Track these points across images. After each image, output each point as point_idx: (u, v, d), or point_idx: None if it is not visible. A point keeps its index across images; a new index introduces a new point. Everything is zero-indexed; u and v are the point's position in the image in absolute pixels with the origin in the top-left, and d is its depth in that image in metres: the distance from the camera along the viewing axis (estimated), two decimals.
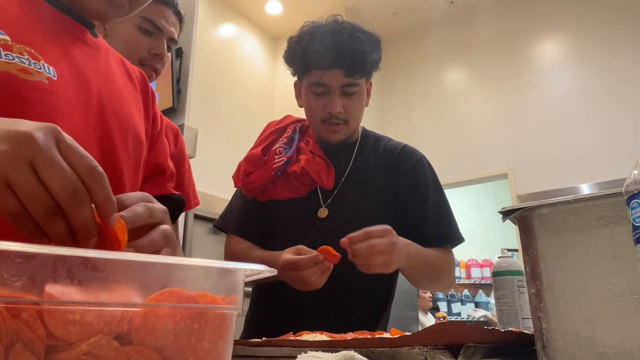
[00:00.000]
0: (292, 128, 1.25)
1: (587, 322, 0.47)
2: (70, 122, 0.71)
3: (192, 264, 0.35)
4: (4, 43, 0.66)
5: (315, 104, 1.13)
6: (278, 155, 1.17)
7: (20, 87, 0.65)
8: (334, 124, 1.13)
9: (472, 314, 5.23)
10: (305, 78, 1.15)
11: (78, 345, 0.29)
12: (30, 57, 0.68)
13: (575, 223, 0.49)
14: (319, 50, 1.08)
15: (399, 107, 5.22)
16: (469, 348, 0.49)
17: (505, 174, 4.44)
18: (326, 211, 1.14)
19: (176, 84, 2.44)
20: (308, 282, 0.95)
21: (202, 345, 0.33)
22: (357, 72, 1.10)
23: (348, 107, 1.12)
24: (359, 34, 1.10)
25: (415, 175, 1.18)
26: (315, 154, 1.17)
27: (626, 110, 3.96)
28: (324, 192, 1.16)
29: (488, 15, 4.88)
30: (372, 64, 1.13)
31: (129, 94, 0.87)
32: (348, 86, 1.10)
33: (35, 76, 0.67)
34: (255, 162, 1.18)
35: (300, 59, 1.13)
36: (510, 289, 0.90)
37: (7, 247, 0.27)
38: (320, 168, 1.15)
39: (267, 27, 5.04)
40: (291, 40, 1.17)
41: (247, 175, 1.18)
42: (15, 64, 0.66)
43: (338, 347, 0.51)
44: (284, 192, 1.16)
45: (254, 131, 1.39)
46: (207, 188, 3.71)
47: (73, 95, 0.73)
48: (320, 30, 1.11)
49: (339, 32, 1.09)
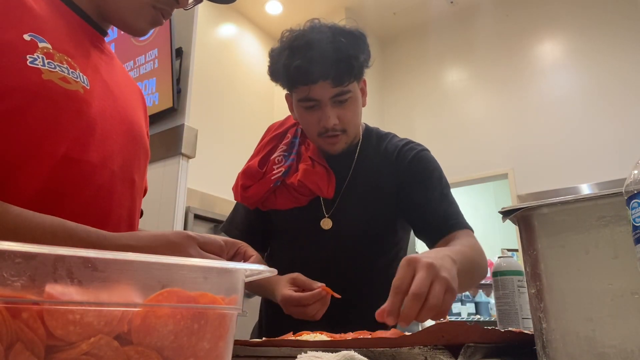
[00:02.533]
0: (292, 132, 1.21)
1: (587, 322, 0.47)
2: (101, 130, 0.74)
3: (192, 264, 0.35)
4: (47, 51, 0.67)
5: (308, 118, 1.08)
6: (277, 165, 1.15)
7: (59, 96, 0.67)
8: (331, 136, 1.08)
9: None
10: (293, 94, 1.09)
11: (78, 345, 0.29)
12: (69, 66, 0.70)
13: (575, 223, 0.49)
14: (300, 65, 1.01)
15: (399, 107, 5.22)
16: (469, 348, 0.49)
17: (505, 174, 4.45)
18: (330, 222, 1.11)
19: (176, 84, 2.44)
20: (311, 316, 0.94)
21: (202, 345, 0.33)
22: (345, 80, 1.03)
23: (343, 116, 1.07)
24: (341, 38, 1.03)
25: (416, 165, 1.13)
26: (315, 160, 1.14)
27: (626, 110, 3.96)
28: (325, 200, 1.13)
29: (488, 16, 4.88)
30: (361, 66, 1.06)
31: (136, 105, 0.89)
32: (339, 95, 1.04)
33: (73, 85, 0.69)
34: (253, 175, 1.15)
35: (283, 76, 1.07)
36: (510, 289, 0.90)
37: (7, 247, 0.27)
38: (320, 177, 1.11)
39: (267, 27, 5.04)
40: (272, 54, 1.11)
41: (245, 189, 1.16)
42: (57, 73, 0.67)
43: (338, 347, 0.51)
44: (284, 202, 1.14)
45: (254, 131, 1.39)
46: (207, 188, 3.71)
47: (102, 104, 0.75)
48: (298, 42, 1.04)
49: (318, 41, 1.02)
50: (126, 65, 2.68)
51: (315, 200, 1.14)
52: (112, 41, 2.79)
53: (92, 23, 0.81)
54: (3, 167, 0.63)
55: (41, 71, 0.65)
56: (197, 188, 3.51)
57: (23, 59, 0.64)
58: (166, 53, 2.47)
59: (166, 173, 2.36)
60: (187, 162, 2.38)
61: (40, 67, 0.65)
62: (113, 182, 0.76)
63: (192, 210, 3.30)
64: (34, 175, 0.65)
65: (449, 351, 0.48)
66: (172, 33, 2.45)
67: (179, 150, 2.33)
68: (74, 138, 0.69)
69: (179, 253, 0.61)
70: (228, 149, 4.02)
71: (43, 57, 0.66)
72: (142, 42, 2.64)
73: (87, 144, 0.71)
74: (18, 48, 0.65)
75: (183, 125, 2.38)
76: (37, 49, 0.66)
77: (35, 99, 0.64)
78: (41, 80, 0.65)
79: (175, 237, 0.63)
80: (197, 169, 2.87)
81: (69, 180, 0.69)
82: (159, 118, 2.44)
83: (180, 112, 2.43)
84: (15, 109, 0.63)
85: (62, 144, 0.67)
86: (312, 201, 1.13)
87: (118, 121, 0.78)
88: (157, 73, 2.53)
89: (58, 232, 0.58)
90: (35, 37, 0.67)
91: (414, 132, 4.92)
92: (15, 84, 0.63)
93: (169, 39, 2.46)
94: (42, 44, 0.67)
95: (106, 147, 0.75)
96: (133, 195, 0.82)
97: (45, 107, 0.65)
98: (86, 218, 0.67)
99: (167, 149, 2.37)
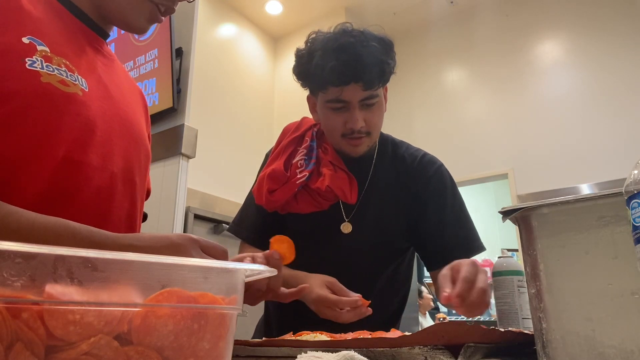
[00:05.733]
0: (309, 135, 1.21)
1: (587, 322, 0.47)
2: (101, 132, 0.74)
3: (192, 264, 0.35)
4: (44, 54, 0.67)
5: (335, 119, 1.09)
6: (300, 169, 1.14)
7: (59, 99, 0.67)
8: (356, 137, 1.09)
9: None
10: (321, 94, 1.10)
11: (78, 345, 0.29)
12: (67, 69, 0.70)
13: (575, 223, 0.49)
14: (335, 67, 1.02)
15: (399, 107, 5.21)
16: (469, 348, 0.49)
17: (505, 174, 4.44)
18: (350, 226, 1.13)
19: (176, 84, 2.44)
20: (343, 321, 0.95)
21: (202, 345, 0.33)
22: (376, 84, 1.05)
23: (369, 120, 1.09)
24: (373, 43, 1.05)
25: (434, 184, 1.16)
26: (337, 165, 1.14)
27: (626, 110, 3.96)
28: (345, 204, 1.14)
29: (488, 15, 4.87)
30: (390, 72, 1.09)
31: (137, 106, 0.89)
32: (368, 99, 1.07)
33: (71, 88, 0.69)
34: (279, 178, 1.14)
35: (314, 76, 1.08)
36: (510, 289, 0.90)
37: (7, 247, 0.27)
38: (343, 183, 1.11)
39: (267, 27, 5.04)
40: (300, 55, 1.11)
41: (270, 192, 1.14)
42: (55, 76, 0.67)
43: (338, 347, 0.51)
44: (305, 207, 1.13)
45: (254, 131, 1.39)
46: (207, 188, 3.71)
47: (101, 106, 0.75)
48: (332, 44, 1.05)
49: (352, 44, 1.03)
50: (126, 65, 2.68)
51: (335, 205, 1.14)
52: (112, 41, 2.80)
53: (93, 25, 0.81)
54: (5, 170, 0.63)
55: (40, 74, 0.65)
56: (197, 188, 3.50)
57: (22, 62, 0.64)
58: (166, 53, 2.47)
59: (166, 173, 2.36)
60: (187, 162, 2.38)
61: (39, 70, 0.65)
62: (114, 184, 0.76)
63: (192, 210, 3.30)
64: (36, 177, 0.65)
65: (449, 351, 0.48)
66: (172, 33, 2.45)
67: (179, 150, 2.33)
68: (73, 140, 0.69)
69: (181, 254, 0.61)
70: (228, 149, 4.02)
71: (42, 60, 0.66)
72: (142, 42, 2.64)
73: (87, 146, 0.71)
74: (17, 51, 0.65)
75: (183, 125, 2.39)
76: (36, 52, 0.66)
77: (34, 101, 0.64)
78: (40, 83, 0.65)
79: (178, 239, 0.63)
80: (197, 169, 2.87)
81: (70, 182, 0.69)
82: (159, 118, 2.44)
83: (180, 112, 2.44)
84: (15, 112, 0.63)
85: (61, 146, 0.67)
86: (332, 206, 1.14)
87: (118, 123, 0.78)
88: (157, 73, 2.53)
89: (61, 232, 0.58)
90: (34, 40, 0.67)
91: (414, 132, 4.92)
92: (14, 87, 0.63)
93: (169, 39, 2.46)
94: (40, 47, 0.67)
95: (106, 148, 0.75)
96: (134, 197, 0.82)
97: (45, 109, 0.65)
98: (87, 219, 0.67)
99: (167, 149, 2.37)
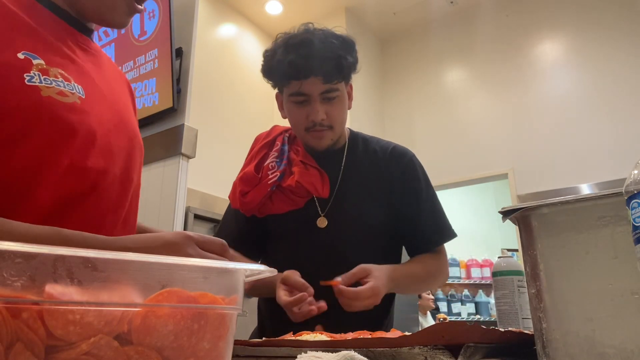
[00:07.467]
0: (280, 140, 1.27)
1: (587, 322, 0.47)
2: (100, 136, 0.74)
3: (192, 264, 0.35)
4: (41, 68, 0.67)
5: (298, 113, 1.15)
6: (271, 171, 1.19)
7: (60, 111, 0.67)
8: (318, 130, 1.14)
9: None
10: (285, 89, 1.16)
11: (78, 345, 0.29)
12: (63, 78, 0.70)
13: (575, 223, 0.49)
14: (294, 61, 1.09)
15: (399, 107, 5.21)
16: (469, 348, 0.49)
17: (505, 174, 4.44)
18: (325, 221, 1.16)
19: (176, 84, 2.44)
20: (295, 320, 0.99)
21: (202, 346, 0.33)
22: (335, 77, 1.11)
23: (330, 113, 1.14)
24: (332, 40, 1.12)
25: (408, 174, 1.21)
26: (307, 163, 1.19)
27: (626, 110, 3.96)
28: (320, 200, 1.18)
29: (488, 15, 4.87)
30: (349, 68, 1.15)
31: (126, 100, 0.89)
32: (328, 92, 1.12)
33: (70, 98, 0.69)
34: (250, 180, 1.19)
35: (277, 72, 1.14)
36: (510, 289, 0.90)
37: (7, 247, 0.27)
38: (314, 179, 1.16)
39: (267, 27, 5.04)
40: (266, 54, 1.18)
41: (243, 195, 1.19)
42: (54, 88, 0.67)
43: (338, 347, 0.51)
44: (281, 206, 1.18)
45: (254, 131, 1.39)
46: (207, 188, 3.71)
47: (99, 111, 0.76)
48: (293, 41, 1.12)
49: (311, 40, 1.10)
50: (126, 65, 2.68)
51: (311, 201, 1.18)
52: (112, 41, 2.79)
53: (75, 23, 0.80)
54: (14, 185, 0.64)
55: (39, 88, 0.65)
56: (197, 188, 3.50)
57: (21, 79, 0.64)
58: (166, 53, 2.47)
59: (166, 173, 2.36)
60: (187, 162, 2.38)
61: (38, 85, 0.65)
62: (115, 185, 0.77)
63: (192, 210, 3.30)
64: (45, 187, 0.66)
65: (449, 351, 0.48)
66: (172, 33, 2.45)
67: (179, 150, 2.33)
68: (76, 148, 0.69)
69: (177, 253, 0.61)
70: (228, 149, 4.02)
71: (39, 74, 0.66)
72: (142, 42, 2.64)
73: (89, 151, 0.72)
74: (15, 68, 0.64)
75: (183, 125, 2.38)
76: (33, 67, 0.66)
77: (37, 116, 0.65)
78: (40, 97, 0.65)
79: (173, 237, 0.63)
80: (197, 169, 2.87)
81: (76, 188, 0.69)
82: (159, 118, 2.44)
83: (180, 112, 2.43)
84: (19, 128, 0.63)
85: (65, 154, 0.68)
86: (308, 202, 1.18)
87: (115, 125, 0.79)
88: (157, 73, 2.53)
89: (54, 239, 0.58)
90: (29, 55, 0.67)
91: (414, 132, 4.92)
92: (16, 104, 0.63)
93: (169, 39, 2.46)
94: (36, 61, 0.67)
95: (107, 151, 0.75)
96: (132, 195, 0.83)
97: (47, 122, 0.66)
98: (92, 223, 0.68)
99: (167, 149, 2.37)
